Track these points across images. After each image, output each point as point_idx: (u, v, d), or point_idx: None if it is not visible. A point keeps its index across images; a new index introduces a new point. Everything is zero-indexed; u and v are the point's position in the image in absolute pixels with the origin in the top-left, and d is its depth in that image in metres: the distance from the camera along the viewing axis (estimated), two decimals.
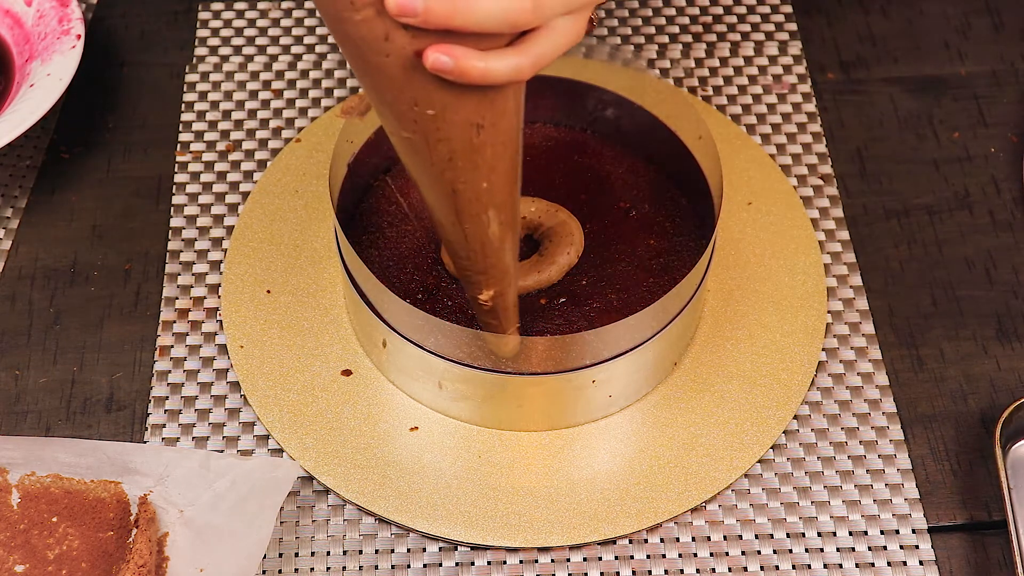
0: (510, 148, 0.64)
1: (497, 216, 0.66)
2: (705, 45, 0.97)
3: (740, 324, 0.82)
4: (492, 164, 0.64)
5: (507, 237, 0.68)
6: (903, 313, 0.83)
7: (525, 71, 0.60)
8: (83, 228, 0.88)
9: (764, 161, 0.90)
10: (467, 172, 0.63)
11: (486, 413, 0.77)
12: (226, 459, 0.73)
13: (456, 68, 0.58)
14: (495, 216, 0.66)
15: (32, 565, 0.71)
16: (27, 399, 0.80)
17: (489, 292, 0.70)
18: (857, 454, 0.77)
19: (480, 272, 0.69)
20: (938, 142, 0.92)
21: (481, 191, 0.65)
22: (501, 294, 0.71)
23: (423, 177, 0.65)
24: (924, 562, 0.73)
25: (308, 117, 0.93)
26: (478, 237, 0.67)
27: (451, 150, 0.62)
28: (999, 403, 0.79)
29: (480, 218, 0.66)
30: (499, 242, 0.68)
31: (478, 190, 0.64)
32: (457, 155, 0.62)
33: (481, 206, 0.65)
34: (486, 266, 0.69)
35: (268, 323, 0.82)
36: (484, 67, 0.58)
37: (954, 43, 0.98)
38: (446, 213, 0.66)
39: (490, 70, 0.59)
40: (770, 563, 0.73)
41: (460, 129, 0.61)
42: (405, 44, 0.58)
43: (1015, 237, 0.87)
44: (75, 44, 0.89)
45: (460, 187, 0.64)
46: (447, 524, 0.74)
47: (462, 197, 0.65)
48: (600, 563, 0.73)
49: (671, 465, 0.76)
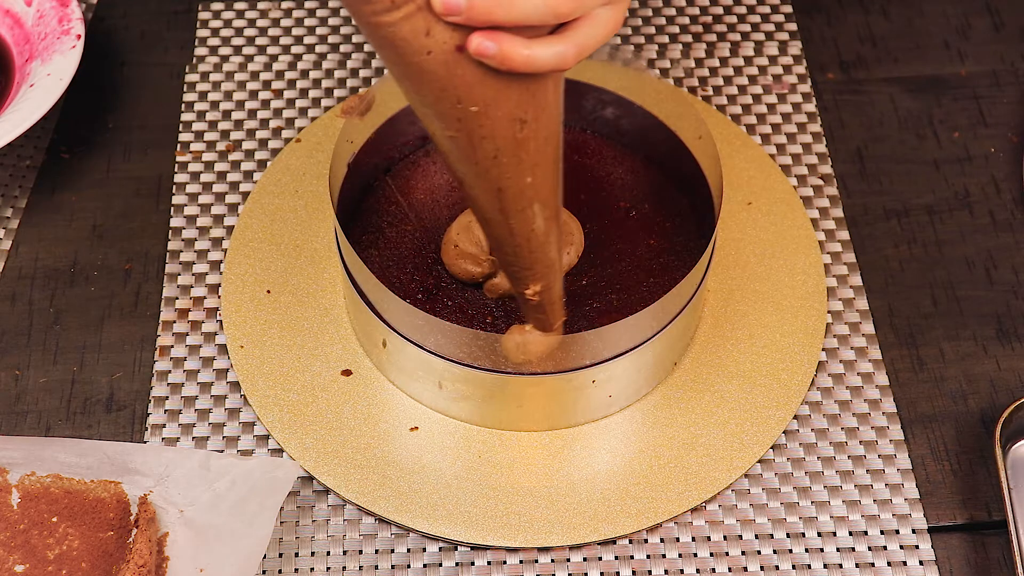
0: (552, 142, 0.65)
1: (542, 211, 0.67)
2: (705, 45, 0.97)
3: (740, 324, 0.82)
4: (536, 159, 0.64)
5: (552, 230, 0.68)
6: (903, 313, 0.83)
7: (569, 59, 0.60)
8: (83, 228, 0.88)
9: (764, 161, 0.90)
10: (512, 168, 0.64)
11: (486, 413, 0.77)
12: (226, 459, 0.73)
13: (499, 54, 0.58)
14: (540, 211, 0.67)
15: (32, 565, 0.71)
16: (27, 399, 0.80)
17: (536, 286, 0.70)
18: (857, 454, 0.77)
19: (527, 267, 0.69)
20: (938, 142, 0.92)
21: (526, 186, 0.65)
22: (548, 288, 0.71)
23: (468, 176, 0.65)
24: (924, 562, 0.73)
25: (308, 117, 0.93)
26: (524, 232, 0.67)
27: (496, 147, 0.62)
28: (999, 403, 0.79)
29: (525, 213, 0.66)
30: (544, 236, 0.68)
31: (523, 185, 0.65)
32: (502, 152, 0.63)
33: (526, 201, 0.66)
34: (532, 261, 0.69)
35: (268, 323, 0.82)
36: (528, 54, 0.59)
37: (954, 43, 0.98)
38: (491, 210, 0.66)
39: (534, 57, 0.59)
40: (770, 563, 0.73)
41: (504, 125, 0.62)
42: (447, 39, 0.58)
43: (1015, 237, 0.87)
44: (75, 44, 0.89)
45: (505, 183, 0.64)
46: (447, 524, 0.74)
47: (507, 193, 0.65)
48: (600, 563, 0.73)
49: (671, 465, 0.76)
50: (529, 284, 0.70)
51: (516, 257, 0.69)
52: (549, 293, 0.71)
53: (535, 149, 0.64)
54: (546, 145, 0.64)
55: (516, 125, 0.62)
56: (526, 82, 0.61)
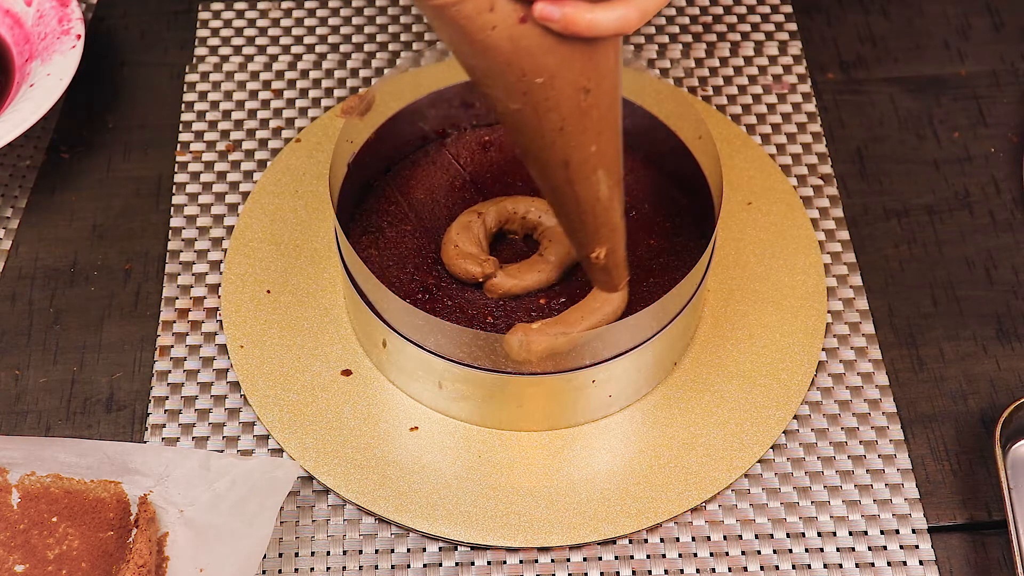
0: (614, 109, 0.67)
1: (606, 177, 0.69)
2: (705, 45, 0.97)
3: (740, 324, 0.82)
4: (599, 126, 0.66)
5: (615, 195, 0.70)
6: (903, 313, 0.83)
7: (632, 21, 0.61)
8: (83, 228, 0.88)
9: (764, 161, 0.90)
10: (577, 137, 0.66)
11: (486, 413, 0.77)
12: (226, 459, 0.73)
13: (563, 18, 0.60)
14: (604, 177, 0.69)
15: (32, 565, 0.71)
16: (27, 399, 0.80)
17: (602, 249, 0.72)
18: (857, 454, 0.77)
19: (592, 232, 0.71)
20: (938, 142, 0.92)
21: (591, 154, 0.67)
22: (613, 250, 0.73)
23: (533, 147, 0.67)
24: (924, 562, 0.73)
25: (308, 117, 0.93)
26: (589, 199, 0.69)
27: (561, 117, 0.64)
28: (999, 403, 0.79)
29: (590, 180, 0.68)
30: (608, 201, 0.70)
31: (588, 154, 0.67)
32: (567, 121, 0.65)
33: (591, 168, 0.68)
34: (597, 225, 0.71)
35: (268, 323, 0.82)
36: (591, 18, 0.60)
37: (954, 43, 0.98)
38: (558, 180, 0.68)
39: (596, 21, 0.60)
40: (770, 563, 0.73)
41: (568, 95, 0.63)
42: (510, 12, 0.60)
43: (1015, 237, 0.87)
44: (75, 44, 0.89)
45: (571, 153, 0.66)
46: (447, 524, 0.74)
47: (573, 163, 0.67)
48: (600, 563, 0.73)
49: (671, 465, 0.76)
50: (595, 247, 0.72)
51: (582, 223, 0.71)
52: (614, 256, 0.73)
53: (599, 117, 0.65)
54: (609, 112, 0.66)
55: (580, 94, 0.64)
56: (588, 50, 0.62)
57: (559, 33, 0.61)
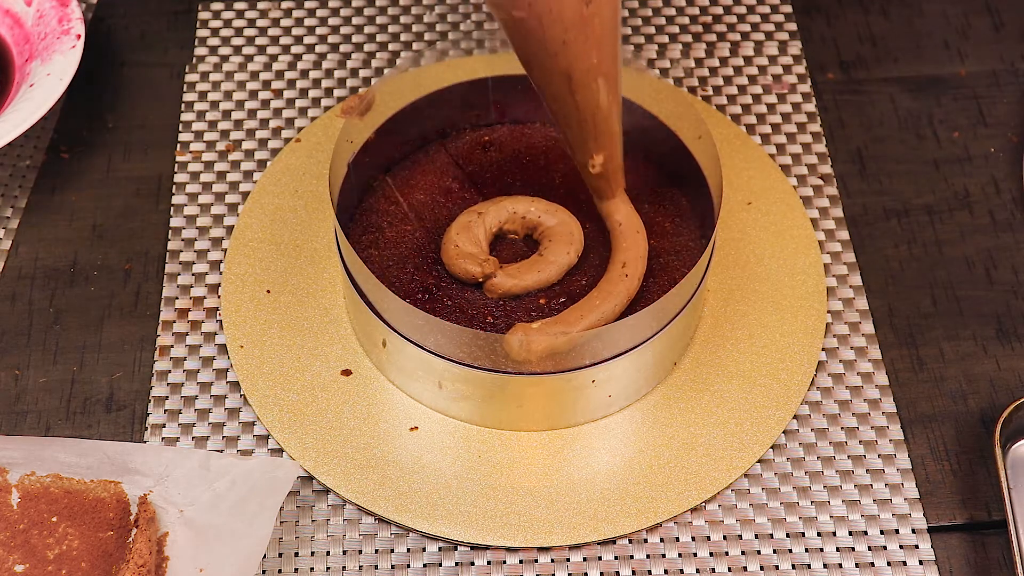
0: (614, 19, 0.70)
1: (606, 86, 0.72)
2: (705, 45, 0.97)
3: (740, 324, 0.82)
4: (600, 37, 0.69)
5: (614, 104, 0.73)
6: (903, 313, 0.83)
7: None
8: (83, 228, 0.88)
9: (764, 161, 0.90)
10: (579, 47, 0.69)
11: (486, 413, 0.77)
12: (226, 459, 0.73)
13: None
14: (603, 85, 0.72)
15: (32, 565, 0.71)
16: (27, 399, 0.80)
17: (600, 156, 0.75)
18: (857, 454, 0.77)
19: (591, 138, 0.74)
20: (938, 142, 0.92)
21: (592, 65, 0.70)
22: (611, 157, 0.76)
23: (537, 57, 0.70)
24: (924, 562, 0.73)
25: (308, 117, 0.93)
26: (590, 107, 0.72)
27: (564, 28, 0.68)
28: (999, 403, 0.79)
29: (591, 89, 0.71)
30: (608, 109, 0.73)
31: (589, 64, 0.70)
32: (569, 32, 0.68)
33: (591, 77, 0.71)
34: (596, 132, 0.74)
35: (268, 323, 0.82)
36: None
37: (954, 43, 0.98)
38: (559, 88, 0.72)
39: None
40: (770, 563, 0.73)
41: (571, 3, 0.67)
42: None
43: (1015, 237, 0.87)
44: (75, 44, 0.89)
45: (573, 63, 0.70)
46: (447, 524, 0.74)
47: (575, 72, 0.70)
48: (600, 563, 0.73)
49: (671, 465, 0.76)
50: (593, 154, 0.75)
51: (581, 131, 0.74)
52: (612, 162, 0.76)
53: (599, 25, 0.68)
54: (610, 22, 0.69)
55: (582, 4, 0.67)
56: None
57: None
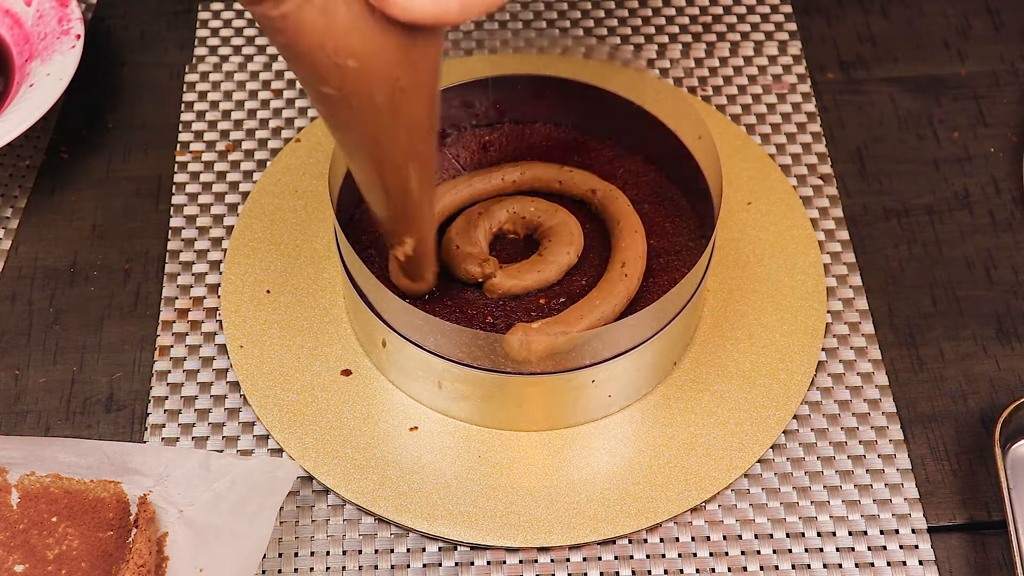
0: (430, 102, 0.65)
1: (416, 172, 0.68)
2: (705, 45, 0.97)
3: (740, 324, 0.82)
4: (411, 119, 0.64)
5: (425, 188, 0.70)
6: (903, 313, 0.83)
7: (451, 14, 0.58)
8: (83, 228, 0.88)
9: (764, 161, 0.90)
10: (387, 126, 0.64)
11: (486, 413, 0.77)
12: (226, 459, 0.73)
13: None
14: (415, 169, 0.68)
15: (32, 565, 0.71)
16: (27, 399, 0.80)
17: (411, 241, 0.72)
18: (857, 454, 0.77)
19: (401, 221, 0.71)
20: (938, 142, 0.92)
21: (401, 144, 0.65)
22: (421, 240, 0.73)
23: (344, 133, 0.66)
24: (924, 562, 0.73)
25: (308, 117, 0.93)
26: (399, 189, 0.68)
27: (372, 105, 0.62)
28: (999, 403, 0.79)
29: (401, 171, 0.67)
30: (419, 193, 0.69)
31: (398, 144, 0.65)
32: (378, 109, 0.63)
33: (402, 159, 0.66)
34: (406, 215, 0.71)
35: (268, 323, 0.82)
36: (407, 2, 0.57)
37: (954, 43, 0.98)
38: (368, 168, 0.68)
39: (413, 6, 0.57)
40: (770, 563, 0.73)
41: (380, 83, 0.61)
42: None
43: (1015, 237, 0.87)
44: (75, 44, 0.89)
45: (382, 140, 0.65)
46: (447, 524, 0.74)
47: (384, 151, 0.66)
48: (600, 563, 0.73)
49: (671, 465, 0.76)
50: (404, 239, 0.72)
51: (392, 211, 0.71)
52: (423, 245, 0.73)
53: (410, 108, 0.63)
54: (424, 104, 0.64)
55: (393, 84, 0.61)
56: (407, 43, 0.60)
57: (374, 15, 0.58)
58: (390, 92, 0.62)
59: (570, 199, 0.83)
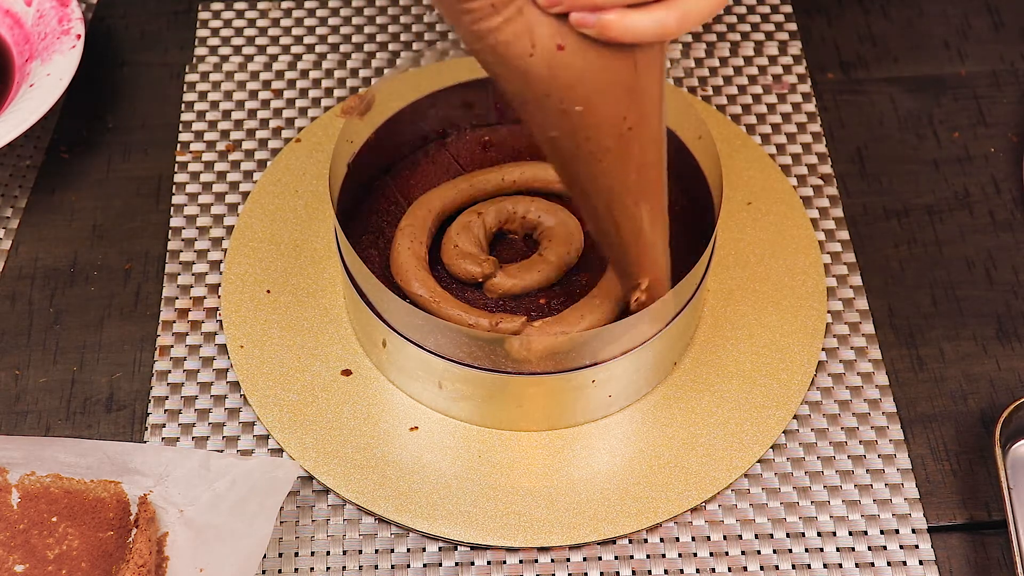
0: (658, 142, 0.66)
1: (648, 210, 0.68)
2: (705, 45, 0.97)
3: (740, 324, 0.82)
4: (641, 158, 0.65)
5: (657, 226, 0.70)
6: (903, 313, 0.83)
7: (670, 27, 0.59)
8: (83, 228, 0.88)
9: (764, 161, 0.90)
10: (616, 168, 0.65)
11: (486, 413, 0.77)
12: (226, 459, 0.73)
13: (599, 23, 0.59)
14: (647, 209, 0.68)
15: (32, 565, 0.71)
16: (27, 399, 0.80)
17: (646, 282, 0.71)
18: (857, 454, 0.77)
19: (635, 263, 0.71)
20: (938, 142, 0.92)
21: (630, 184, 0.66)
22: (657, 280, 0.72)
23: (572, 174, 0.67)
24: (924, 562, 0.73)
25: (308, 117, 0.93)
26: (631, 230, 0.69)
27: (600, 147, 0.63)
28: (999, 403, 0.79)
29: (630, 211, 0.67)
30: (651, 232, 0.69)
31: (627, 183, 0.66)
32: (606, 152, 0.64)
33: (631, 199, 0.67)
34: (640, 256, 0.70)
35: (268, 323, 0.82)
36: (628, 21, 0.59)
37: (954, 43, 0.98)
38: (599, 208, 0.68)
39: (633, 24, 0.59)
40: (770, 563, 0.73)
41: (608, 125, 0.62)
42: (549, 38, 0.59)
43: (1015, 237, 0.87)
44: (75, 44, 0.89)
45: (610, 182, 0.65)
46: (447, 524, 0.74)
47: (613, 192, 0.66)
48: (600, 563, 0.73)
49: (671, 465, 0.76)
50: (637, 279, 0.71)
51: (624, 254, 0.70)
52: (658, 288, 0.72)
53: (640, 148, 0.64)
54: (651, 145, 0.65)
55: (621, 124, 0.62)
56: (630, 79, 0.61)
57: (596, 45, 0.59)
58: (619, 132, 0.63)
59: (570, 199, 0.83)
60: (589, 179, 0.66)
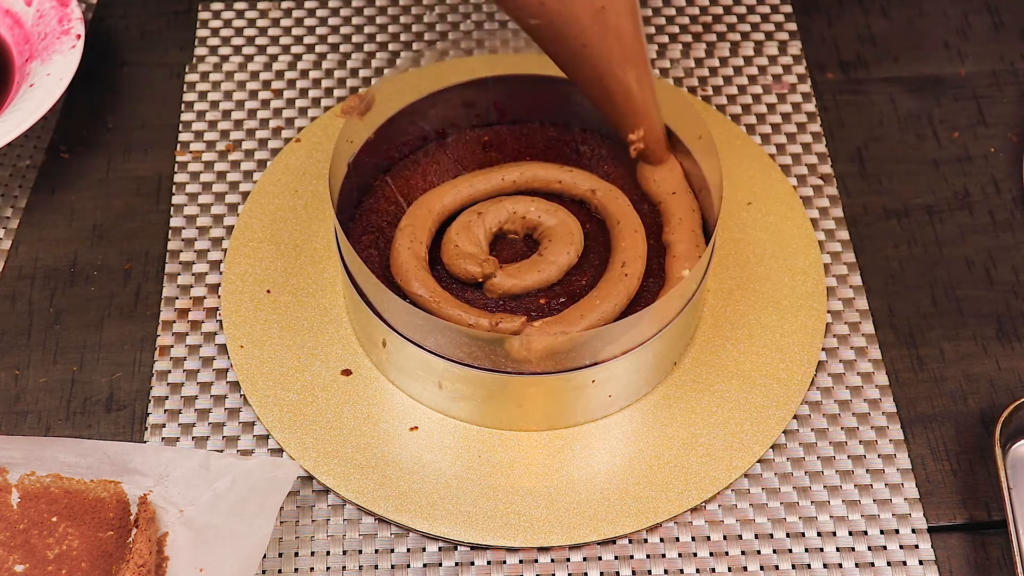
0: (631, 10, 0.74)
1: (634, 70, 0.76)
2: (705, 45, 0.97)
3: (740, 324, 0.82)
4: (618, 29, 0.74)
5: (645, 84, 0.78)
6: (903, 313, 0.83)
7: None
8: (83, 228, 0.88)
9: (764, 161, 0.90)
10: (597, 44, 0.74)
11: (486, 413, 0.77)
12: (226, 459, 0.73)
13: None
14: (631, 71, 0.76)
15: (32, 565, 0.71)
16: (27, 399, 0.80)
17: (639, 131, 0.79)
18: (857, 454, 0.77)
19: (628, 116, 0.79)
20: (938, 142, 0.92)
21: (613, 54, 0.75)
22: (650, 129, 0.80)
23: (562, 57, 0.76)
24: (924, 562, 0.73)
25: (308, 117, 0.93)
26: (622, 92, 0.77)
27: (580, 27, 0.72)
28: (999, 403, 0.79)
29: (619, 76, 0.76)
30: (639, 91, 0.77)
31: (610, 54, 0.75)
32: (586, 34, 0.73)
33: (617, 66, 0.76)
34: (632, 111, 0.79)
35: (268, 323, 0.82)
36: None
37: (954, 43, 0.98)
38: (591, 79, 0.76)
39: None
40: (770, 563, 0.73)
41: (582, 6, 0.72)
42: None
43: (1015, 237, 0.87)
44: (75, 44, 0.89)
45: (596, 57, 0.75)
46: (447, 524, 0.74)
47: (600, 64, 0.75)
48: (600, 563, 0.73)
49: (671, 465, 0.76)
50: (632, 131, 0.80)
51: (616, 111, 0.79)
52: (652, 134, 0.80)
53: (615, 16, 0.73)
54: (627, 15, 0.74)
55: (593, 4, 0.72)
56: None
57: None
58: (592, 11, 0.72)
59: (570, 199, 0.83)
60: (575, 55, 0.75)
